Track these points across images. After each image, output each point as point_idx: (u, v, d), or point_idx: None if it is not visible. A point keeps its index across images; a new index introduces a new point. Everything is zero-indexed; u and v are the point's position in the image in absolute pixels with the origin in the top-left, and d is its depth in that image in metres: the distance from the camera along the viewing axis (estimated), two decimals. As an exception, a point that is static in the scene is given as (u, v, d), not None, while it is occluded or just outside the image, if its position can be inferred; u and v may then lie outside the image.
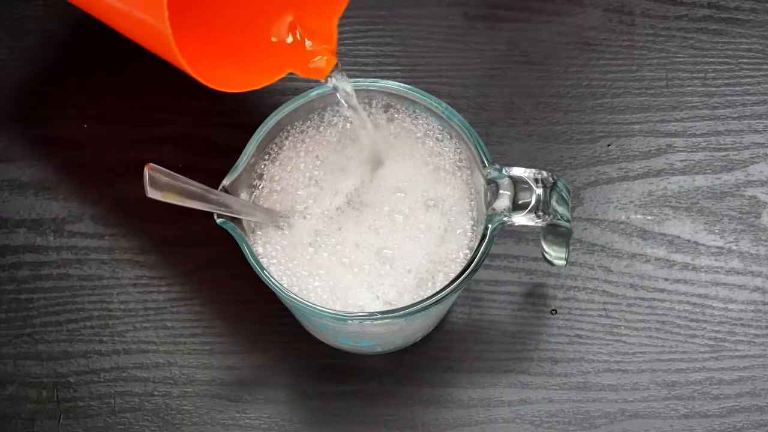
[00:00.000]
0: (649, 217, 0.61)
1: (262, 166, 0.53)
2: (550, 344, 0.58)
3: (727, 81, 0.64)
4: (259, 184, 0.53)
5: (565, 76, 0.64)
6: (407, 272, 0.51)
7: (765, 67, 0.64)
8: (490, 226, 0.49)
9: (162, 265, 0.60)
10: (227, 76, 0.53)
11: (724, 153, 0.62)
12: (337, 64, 0.52)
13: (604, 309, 0.59)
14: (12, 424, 0.57)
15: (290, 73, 0.64)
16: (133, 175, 0.62)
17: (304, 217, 0.52)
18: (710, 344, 0.58)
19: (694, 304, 0.59)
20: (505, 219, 0.49)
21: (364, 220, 0.52)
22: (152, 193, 0.45)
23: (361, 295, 0.50)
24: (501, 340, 0.58)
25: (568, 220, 0.50)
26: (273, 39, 0.55)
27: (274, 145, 0.53)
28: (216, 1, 0.56)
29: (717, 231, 0.60)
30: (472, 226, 0.52)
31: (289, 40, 0.54)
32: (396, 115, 0.54)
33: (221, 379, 0.58)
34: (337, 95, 0.52)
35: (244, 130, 0.52)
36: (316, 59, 0.53)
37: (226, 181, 0.49)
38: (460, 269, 0.49)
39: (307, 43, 0.54)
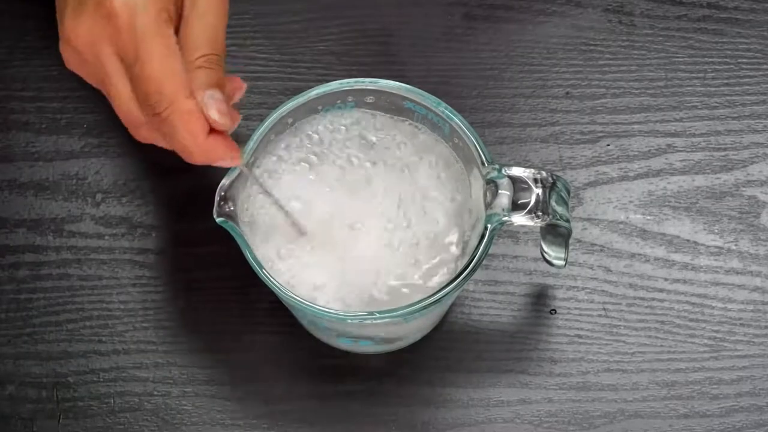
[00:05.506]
0: (649, 217, 0.61)
1: (263, 165, 0.53)
2: (549, 344, 0.58)
3: (726, 81, 0.64)
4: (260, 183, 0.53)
5: (565, 76, 0.64)
6: (406, 272, 0.51)
7: (764, 66, 0.64)
8: (489, 225, 0.49)
9: (162, 265, 0.60)
10: None
11: (723, 153, 0.62)
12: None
13: (604, 309, 0.59)
14: (12, 424, 0.57)
15: (291, 72, 0.64)
16: (133, 175, 0.62)
17: (305, 215, 0.52)
18: (710, 344, 0.58)
19: (693, 303, 0.59)
20: (505, 219, 0.49)
21: (362, 219, 0.52)
22: None
23: (360, 293, 0.50)
24: (500, 340, 0.58)
25: (567, 220, 0.50)
26: None
27: (275, 144, 0.53)
28: None
29: (716, 231, 0.60)
30: (472, 225, 0.52)
31: None
32: (396, 115, 0.54)
33: (221, 378, 0.58)
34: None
35: (245, 129, 0.52)
36: None
37: (225, 180, 0.49)
38: (459, 269, 0.49)
39: None
